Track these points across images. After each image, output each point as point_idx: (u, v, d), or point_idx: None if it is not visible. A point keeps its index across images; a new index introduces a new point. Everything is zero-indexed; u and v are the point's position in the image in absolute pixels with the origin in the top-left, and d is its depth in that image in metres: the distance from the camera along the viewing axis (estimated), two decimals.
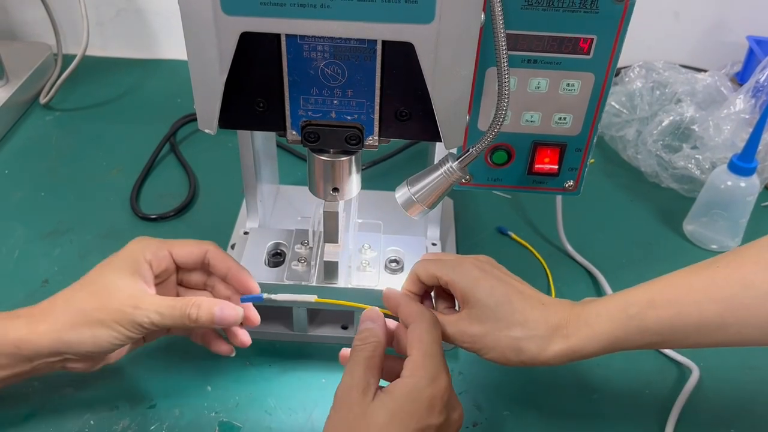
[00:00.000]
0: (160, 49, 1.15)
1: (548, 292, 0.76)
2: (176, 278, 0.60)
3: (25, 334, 0.52)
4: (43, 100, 1.01)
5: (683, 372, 0.67)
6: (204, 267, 0.59)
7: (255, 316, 0.58)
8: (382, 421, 0.45)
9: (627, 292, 0.53)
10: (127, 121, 1.00)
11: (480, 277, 0.53)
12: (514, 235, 0.82)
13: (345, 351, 0.54)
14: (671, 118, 0.89)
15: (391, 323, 0.54)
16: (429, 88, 0.47)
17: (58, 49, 1.05)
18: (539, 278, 0.77)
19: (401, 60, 0.47)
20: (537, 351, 0.51)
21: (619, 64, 0.97)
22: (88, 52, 1.01)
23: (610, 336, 0.51)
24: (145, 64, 1.14)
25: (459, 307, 0.55)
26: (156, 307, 0.53)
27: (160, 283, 0.58)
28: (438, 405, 0.46)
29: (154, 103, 1.04)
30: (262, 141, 0.69)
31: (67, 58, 1.03)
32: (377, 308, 0.54)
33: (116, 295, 0.53)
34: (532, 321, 0.51)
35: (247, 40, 0.46)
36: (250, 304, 0.58)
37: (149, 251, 0.55)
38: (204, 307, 0.54)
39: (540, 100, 0.56)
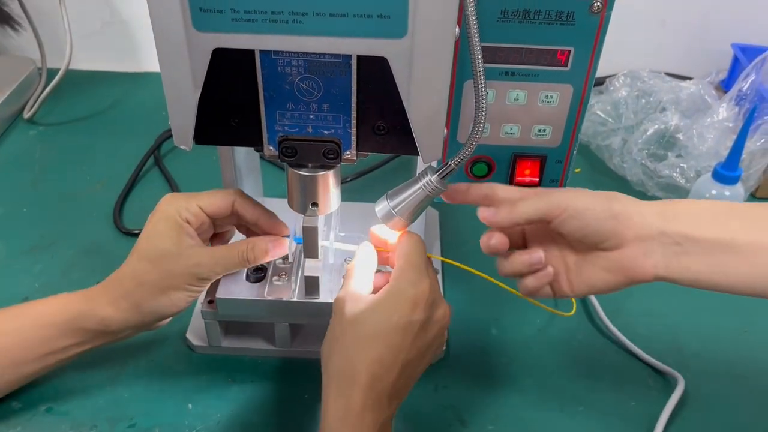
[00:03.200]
0: (144, 62, 1.15)
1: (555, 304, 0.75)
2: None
3: (111, 312, 0.57)
4: (26, 114, 1.01)
5: (669, 382, 0.67)
6: (234, 215, 0.60)
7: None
8: (367, 317, 0.50)
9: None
10: (112, 135, 0.99)
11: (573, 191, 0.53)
12: None
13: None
14: (656, 126, 0.89)
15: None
16: (404, 103, 0.47)
17: (42, 63, 1.05)
18: None
19: (377, 74, 0.47)
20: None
21: (605, 73, 0.99)
22: (73, 66, 1.01)
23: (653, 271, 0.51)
24: (130, 77, 1.13)
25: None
26: (215, 259, 0.57)
27: (200, 234, 0.60)
28: (421, 304, 0.51)
29: (138, 116, 1.04)
30: (244, 154, 0.69)
31: (52, 72, 1.02)
32: (368, 243, 0.58)
33: (176, 260, 0.56)
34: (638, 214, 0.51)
35: (220, 55, 0.45)
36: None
37: (184, 210, 0.57)
38: (258, 247, 0.58)
39: (519, 112, 0.55)
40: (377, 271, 0.56)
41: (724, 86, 1.03)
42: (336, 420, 0.48)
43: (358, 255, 0.57)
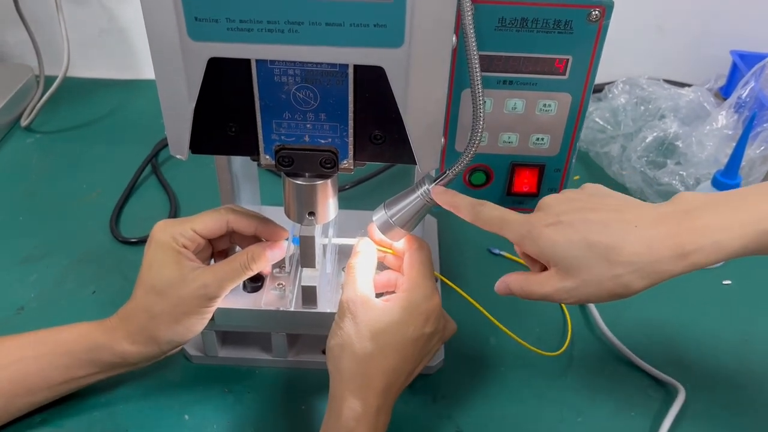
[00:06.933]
0: (142, 70, 1.15)
1: (560, 312, 0.75)
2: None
3: (127, 346, 0.57)
4: (24, 122, 1.00)
5: (670, 392, 0.66)
6: (230, 231, 0.60)
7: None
8: (385, 327, 0.52)
9: (751, 200, 0.46)
10: (109, 143, 0.99)
11: (549, 235, 0.47)
12: (507, 254, 0.81)
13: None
14: (655, 134, 0.88)
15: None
16: (401, 112, 0.47)
17: (40, 70, 1.05)
18: None
19: (373, 84, 0.46)
20: (649, 279, 0.46)
21: (604, 80, 0.98)
22: (72, 73, 1.00)
23: (739, 250, 0.45)
24: (128, 84, 1.13)
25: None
26: (220, 277, 0.56)
27: (199, 255, 0.60)
28: (432, 318, 0.55)
29: (136, 124, 1.03)
30: (241, 162, 0.69)
31: (49, 80, 1.02)
32: (369, 239, 0.59)
33: (182, 286, 0.56)
34: (631, 253, 0.45)
35: (216, 65, 0.45)
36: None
37: (179, 236, 0.57)
38: (257, 255, 0.58)
39: (517, 121, 0.55)
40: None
41: (724, 93, 1.03)
42: (351, 419, 0.51)
43: (359, 251, 0.58)
